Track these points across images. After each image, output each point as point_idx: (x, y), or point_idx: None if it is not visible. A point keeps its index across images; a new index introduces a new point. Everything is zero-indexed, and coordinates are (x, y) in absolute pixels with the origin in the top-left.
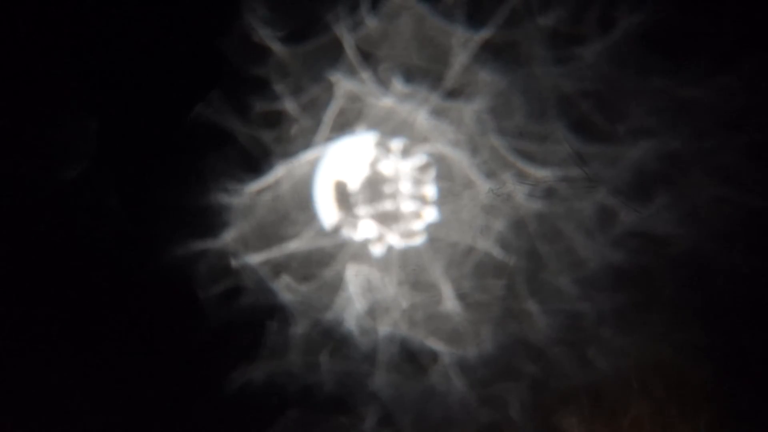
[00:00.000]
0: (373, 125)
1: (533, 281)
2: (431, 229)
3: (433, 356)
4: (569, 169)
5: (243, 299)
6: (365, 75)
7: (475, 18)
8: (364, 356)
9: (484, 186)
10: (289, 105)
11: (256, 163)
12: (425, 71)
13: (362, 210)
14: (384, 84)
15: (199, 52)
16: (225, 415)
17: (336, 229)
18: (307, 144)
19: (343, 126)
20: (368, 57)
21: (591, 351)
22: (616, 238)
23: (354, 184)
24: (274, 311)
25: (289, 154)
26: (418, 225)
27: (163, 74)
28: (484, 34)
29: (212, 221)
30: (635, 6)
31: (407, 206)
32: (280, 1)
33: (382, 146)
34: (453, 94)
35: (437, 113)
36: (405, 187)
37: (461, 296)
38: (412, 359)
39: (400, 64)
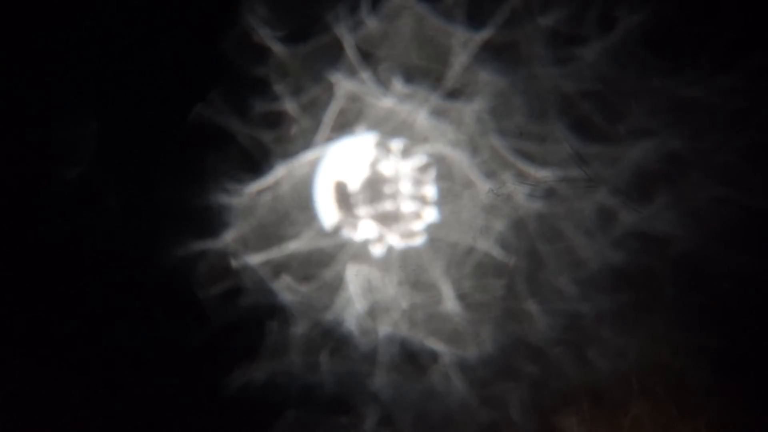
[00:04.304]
0: (373, 125)
1: (533, 281)
2: (431, 230)
3: (433, 356)
4: (569, 169)
5: (243, 299)
6: (365, 75)
7: (475, 18)
8: (364, 356)
9: (484, 186)
10: (289, 105)
11: (256, 163)
12: (425, 71)
13: (362, 210)
14: (384, 84)
15: (199, 52)
16: (225, 415)
17: (336, 230)
18: (307, 144)
19: (343, 126)
20: (368, 57)
21: (591, 351)
22: (616, 238)
23: (354, 185)
24: (274, 311)
25: (289, 154)
26: (418, 225)
27: (163, 74)
28: (484, 34)
29: (212, 221)
30: (635, 6)
31: (407, 207)
32: (280, 1)
33: (382, 147)
34: (453, 94)
35: (437, 113)
36: (405, 187)
37: (461, 296)
38: (412, 359)
39: (400, 64)
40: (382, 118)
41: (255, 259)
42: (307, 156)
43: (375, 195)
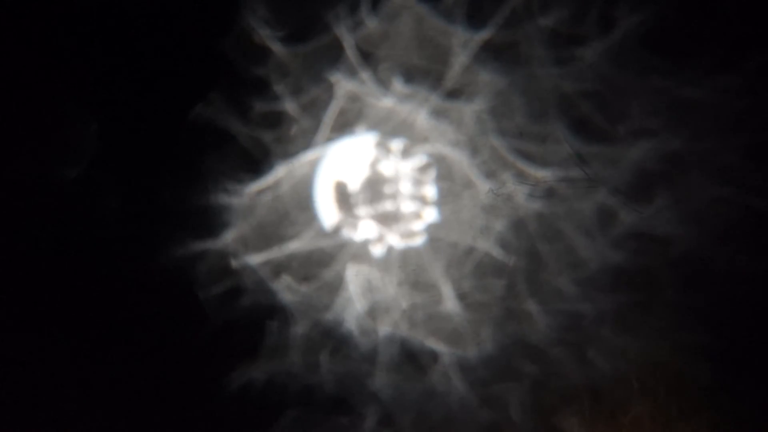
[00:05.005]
0: (373, 126)
1: (533, 281)
2: (431, 230)
3: (433, 356)
4: (569, 169)
5: (243, 299)
6: (365, 75)
7: (475, 18)
8: (364, 356)
9: (484, 186)
10: (289, 105)
11: (256, 163)
12: (425, 71)
13: (362, 210)
14: (384, 84)
15: (199, 52)
16: (225, 415)
17: (336, 230)
18: (307, 144)
19: (343, 126)
20: (368, 57)
21: (591, 351)
22: (616, 238)
23: (354, 185)
24: (274, 311)
25: (289, 154)
26: (418, 225)
27: (163, 74)
28: (484, 34)
29: (212, 221)
30: (635, 6)
31: (407, 207)
32: (280, 1)
33: (382, 147)
34: (453, 94)
35: (437, 113)
36: (405, 187)
37: (461, 296)
38: (412, 360)
39: (400, 64)
40: (382, 118)
41: (255, 259)
42: (307, 156)
43: (375, 195)
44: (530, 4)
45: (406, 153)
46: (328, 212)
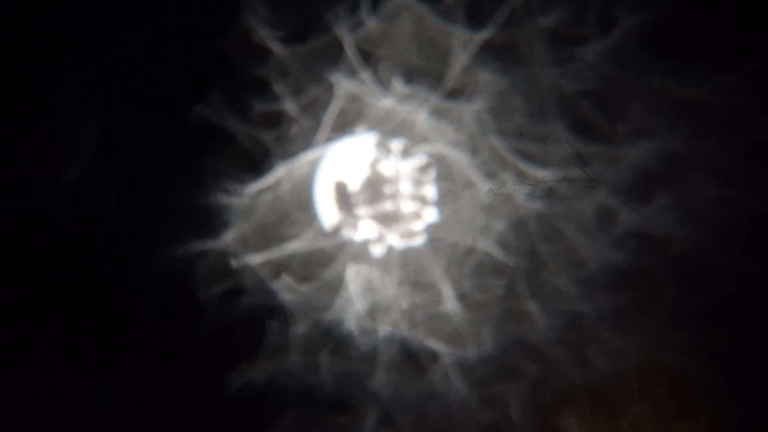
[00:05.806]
0: (373, 126)
1: (533, 281)
2: (431, 230)
3: (433, 356)
4: (569, 169)
5: (243, 299)
6: (365, 75)
7: (475, 18)
8: (364, 356)
9: (484, 186)
10: (289, 105)
11: (256, 163)
12: (425, 71)
13: (362, 210)
14: (384, 84)
15: (199, 52)
16: (225, 415)
17: (336, 230)
18: (307, 144)
19: (343, 126)
20: (368, 57)
21: (591, 351)
22: (616, 238)
23: (354, 185)
24: (274, 311)
25: (289, 154)
26: (418, 225)
27: (163, 74)
28: (484, 34)
29: (212, 221)
30: (635, 6)
31: (407, 207)
32: (280, 1)
33: (382, 147)
34: (453, 94)
35: (437, 113)
36: (405, 187)
37: (461, 296)
38: (412, 359)
39: (400, 64)
40: (382, 118)
41: (255, 259)
42: (307, 156)
43: (375, 195)
44: (530, 4)
45: (406, 153)
46: (328, 212)
